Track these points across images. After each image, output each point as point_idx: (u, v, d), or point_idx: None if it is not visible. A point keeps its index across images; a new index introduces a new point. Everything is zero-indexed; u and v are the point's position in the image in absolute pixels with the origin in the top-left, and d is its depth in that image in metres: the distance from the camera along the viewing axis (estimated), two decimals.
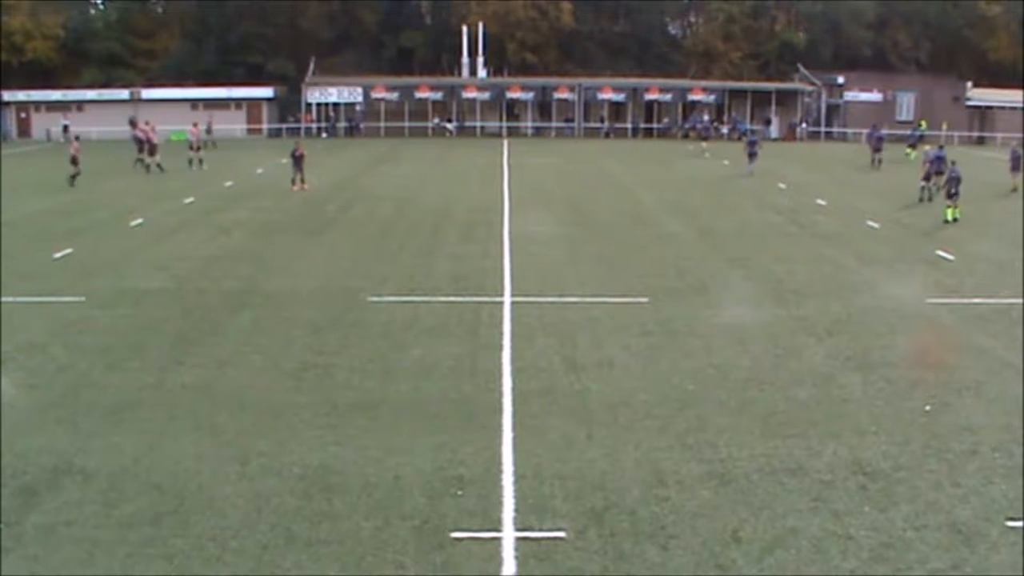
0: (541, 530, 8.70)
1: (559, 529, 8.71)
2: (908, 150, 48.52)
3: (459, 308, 16.73)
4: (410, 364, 13.55)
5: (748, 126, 54.14)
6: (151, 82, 63.09)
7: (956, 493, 9.54)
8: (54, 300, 17.16)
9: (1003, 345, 14.83)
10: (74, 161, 34.76)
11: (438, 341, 14.68)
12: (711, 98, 64.10)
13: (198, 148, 41.37)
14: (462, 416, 11.53)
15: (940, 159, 31.25)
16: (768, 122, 64.49)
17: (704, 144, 53.43)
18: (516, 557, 8.26)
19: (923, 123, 60.32)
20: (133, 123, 59.04)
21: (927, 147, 34.50)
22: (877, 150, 43.58)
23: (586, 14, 68.16)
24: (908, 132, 53.48)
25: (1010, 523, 8.85)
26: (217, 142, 51.67)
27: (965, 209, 30.89)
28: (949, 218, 26.87)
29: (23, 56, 61.69)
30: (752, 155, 39.90)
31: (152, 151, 39.73)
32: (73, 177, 34.43)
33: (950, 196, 26.99)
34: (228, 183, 35.59)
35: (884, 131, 47.78)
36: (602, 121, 64.48)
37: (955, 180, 26.87)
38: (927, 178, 31.35)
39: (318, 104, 62.09)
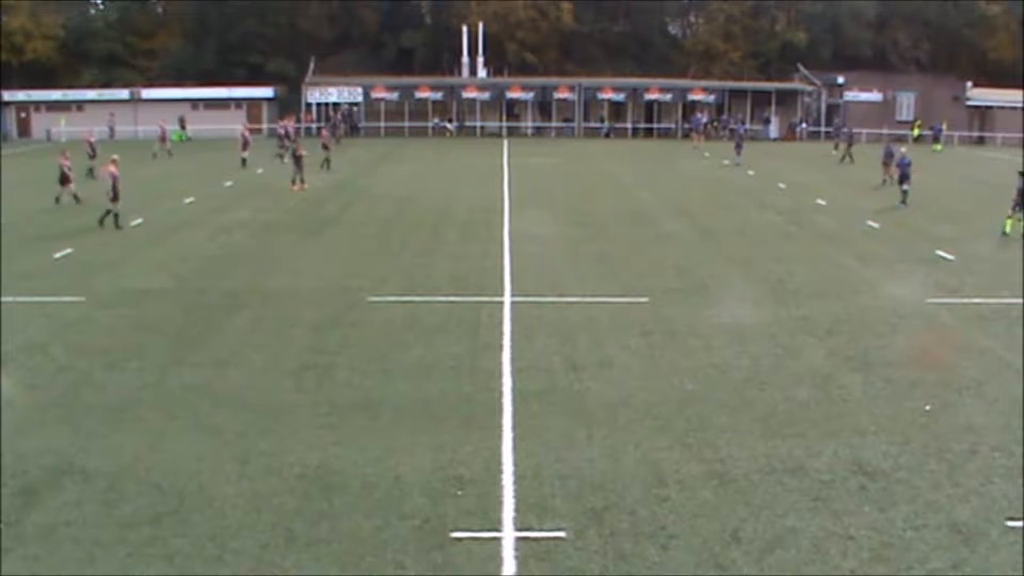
0: (541, 530, 8.71)
1: (559, 529, 8.71)
2: (935, 145, 55.39)
3: (459, 308, 16.73)
4: (410, 364, 13.55)
5: (743, 127, 54.24)
6: (151, 82, 63.06)
7: (956, 493, 9.54)
8: (54, 300, 17.16)
9: (1003, 345, 14.83)
10: (325, 147, 40.20)
11: (438, 341, 14.68)
12: (711, 98, 64.04)
13: (326, 147, 41.23)
14: (462, 416, 11.53)
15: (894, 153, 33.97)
16: (767, 121, 64.47)
17: (697, 141, 54.05)
18: (516, 557, 8.26)
19: (919, 123, 60.35)
20: (182, 123, 58.99)
21: (903, 148, 34.20)
22: (849, 144, 47.89)
23: (586, 14, 68.13)
24: (930, 130, 58.57)
25: (1010, 523, 8.85)
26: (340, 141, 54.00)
27: (965, 208, 31.00)
28: (1008, 231, 24.42)
29: (23, 56, 61.61)
30: (738, 147, 45.03)
31: (282, 144, 42.55)
32: (326, 161, 39.46)
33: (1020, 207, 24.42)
34: (228, 183, 35.60)
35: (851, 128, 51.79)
36: (602, 121, 64.46)
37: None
38: (900, 180, 30.95)
39: (318, 104, 62.04)
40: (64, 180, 28.58)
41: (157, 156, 45.83)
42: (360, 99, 62.52)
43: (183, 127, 59.21)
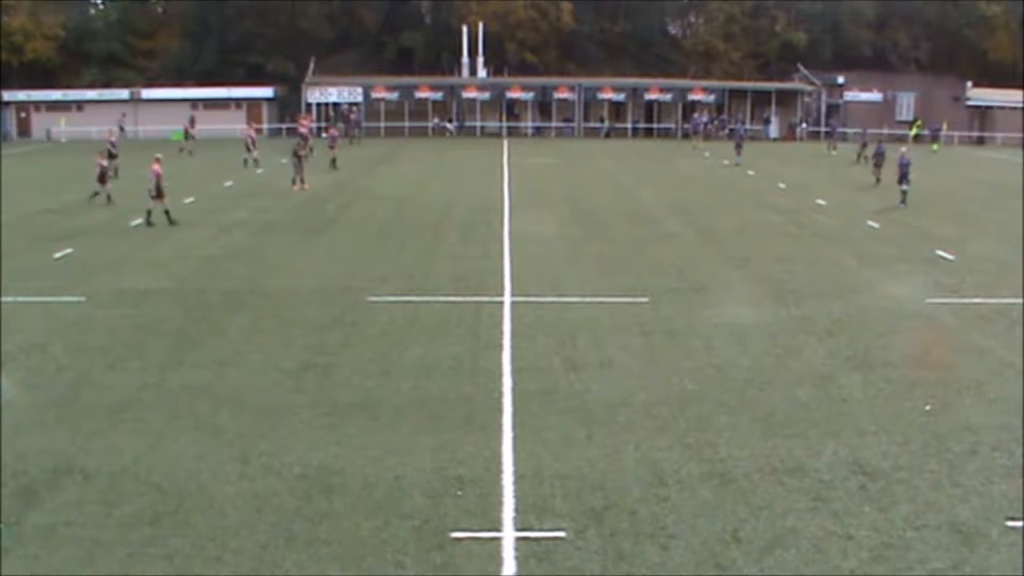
0: (541, 530, 8.71)
1: (559, 529, 8.72)
2: (933, 145, 55.32)
3: (459, 308, 16.73)
4: (410, 364, 13.55)
5: (742, 126, 54.22)
6: (151, 82, 63.04)
7: (956, 493, 9.54)
8: (54, 300, 17.16)
9: (1003, 345, 14.84)
10: (331, 147, 41.73)
11: (438, 341, 14.68)
12: (711, 98, 64.02)
13: (332, 147, 41.97)
14: (462, 416, 11.53)
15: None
16: (767, 121, 64.48)
17: (697, 140, 54.03)
18: (516, 557, 8.26)
19: (918, 122, 60.36)
20: (192, 122, 58.99)
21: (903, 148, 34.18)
22: (863, 145, 46.91)
23: (586, 14, 68.09)
24: (929, 130, 58.21)
25: (1010, 523, 8.86)
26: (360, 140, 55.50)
27: (965, 208, 30.99)
28: None
29: (23, 56, 61.58)
30: (738, 147, 45.11)
31: (302, 144, 42.43)
32: (333, 161, 40.55)
33: None
34: (228, 183, 35.60)
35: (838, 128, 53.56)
36: (602, 121, 64.44)
37: None
38: (900, 180, 30.89)
39: (318, 104, 62.04)
40: (102, 179, 29.68)
41: (183, 151, 46.42)
42: (360, 99, 62.50)
43: (192, 125, 59.30)
